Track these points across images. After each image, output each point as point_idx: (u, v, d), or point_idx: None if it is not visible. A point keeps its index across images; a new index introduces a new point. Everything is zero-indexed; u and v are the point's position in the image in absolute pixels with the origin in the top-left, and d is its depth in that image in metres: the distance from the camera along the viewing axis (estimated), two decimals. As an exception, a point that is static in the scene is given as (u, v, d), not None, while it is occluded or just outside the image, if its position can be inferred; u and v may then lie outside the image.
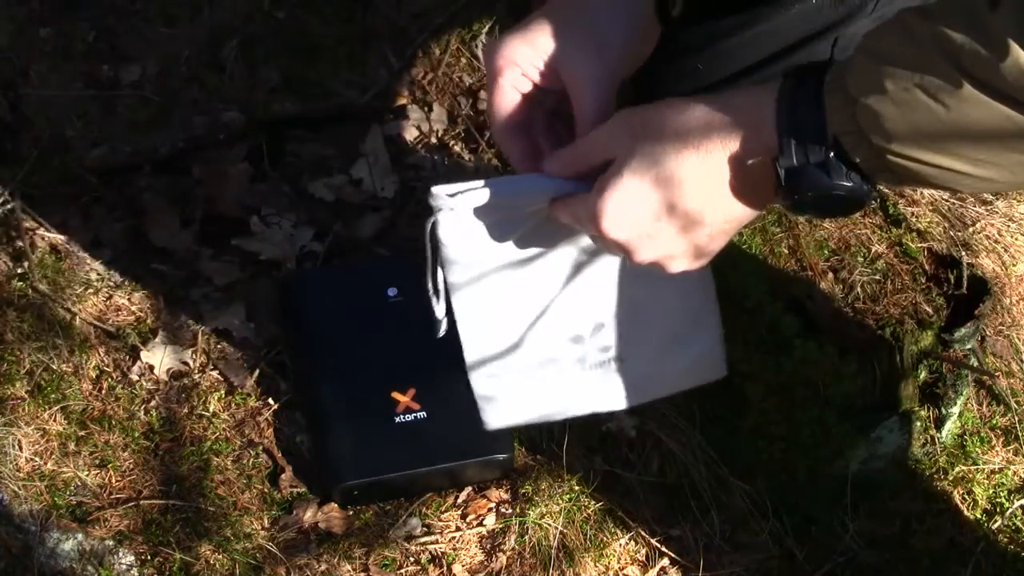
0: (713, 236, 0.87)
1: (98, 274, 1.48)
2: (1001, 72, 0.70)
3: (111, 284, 1.47)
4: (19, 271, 1.45)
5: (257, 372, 1.44)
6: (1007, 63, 0.70)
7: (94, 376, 1.41)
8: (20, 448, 1.35)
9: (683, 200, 0.84)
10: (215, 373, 1.43)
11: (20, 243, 1.47)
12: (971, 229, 1.56)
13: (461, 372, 1.02)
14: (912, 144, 0.76)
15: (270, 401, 1.42)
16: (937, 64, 0.73)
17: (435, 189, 0.92)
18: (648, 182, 0.84)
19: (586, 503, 1.40)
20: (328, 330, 1.42)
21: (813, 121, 0.79)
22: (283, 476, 1.39)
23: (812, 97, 0.79)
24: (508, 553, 1.37)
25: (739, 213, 0.86)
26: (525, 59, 0.92)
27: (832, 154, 0.79)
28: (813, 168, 0.79)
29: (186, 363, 1.43)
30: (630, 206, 0.84)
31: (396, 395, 1.37)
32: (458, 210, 0.92)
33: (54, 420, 1.38)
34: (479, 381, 1.02)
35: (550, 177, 0.92)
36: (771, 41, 1.24)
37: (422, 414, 1.36)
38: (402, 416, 1.36)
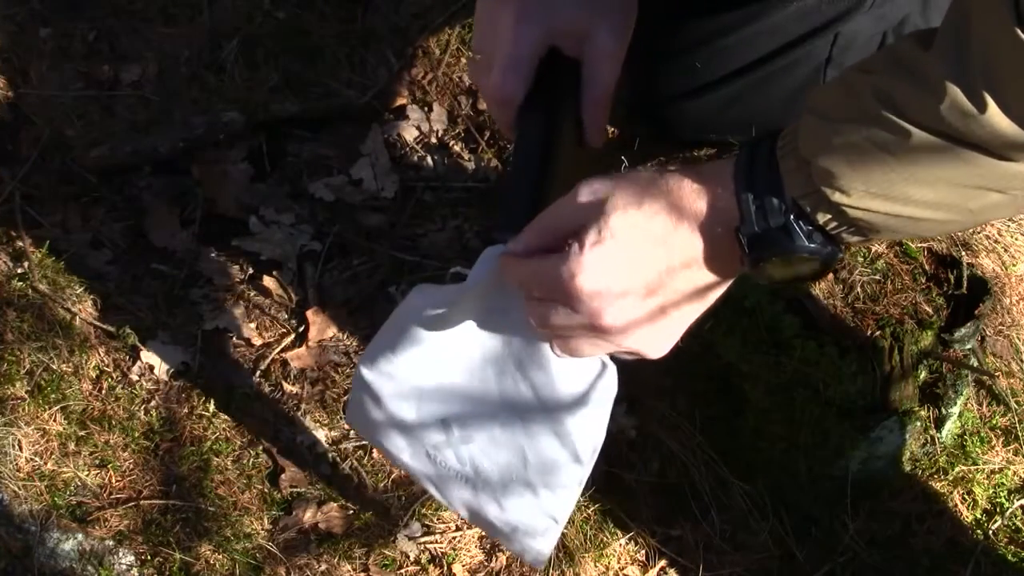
0: (681, 308, 0.87)
1: (98, 274, 1.48)
2: (941, 114, 0.70)
3: (111, 284, 1.47)
4: (19, 271, 1.45)
5: (257, 372, 1.44)
6: (945, 104, 0.70)
7: (94, 376, 1.41)
8: (20, 448, 1.35)
9: (655, 263, 0.84)
10: (215, 373, 1.43)
11: (20, 243, 1.47)
12: (971, 229, 1.56)
13: None
14: (868, 196, 0.76)
15: (270, 401, 1.43)
16: (881, 116, 0.74)
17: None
18: (623, 242, 0.83)
19: (586, 503, 1.40)
20: None
21: (770, 186, 0.80)
22: (283, 476, 1.39)
23: (766, 163, 0.80)
24: (508, 553, 1.37)
25: (708, 281, 0.86)
26: (548, 24, 0.96)
27: (792, 216, 0.79)
28: (775, 232, 0.80)
29: (186, 363, 1.43)
30: (607, 262, 0.83)
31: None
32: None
33: (54, 420, 1.38)
34: (365, 370, 1.01)
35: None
36: (770, 39, 1.24)
37: None
38: None
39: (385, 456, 1.08)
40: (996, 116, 0.69)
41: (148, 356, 1.43)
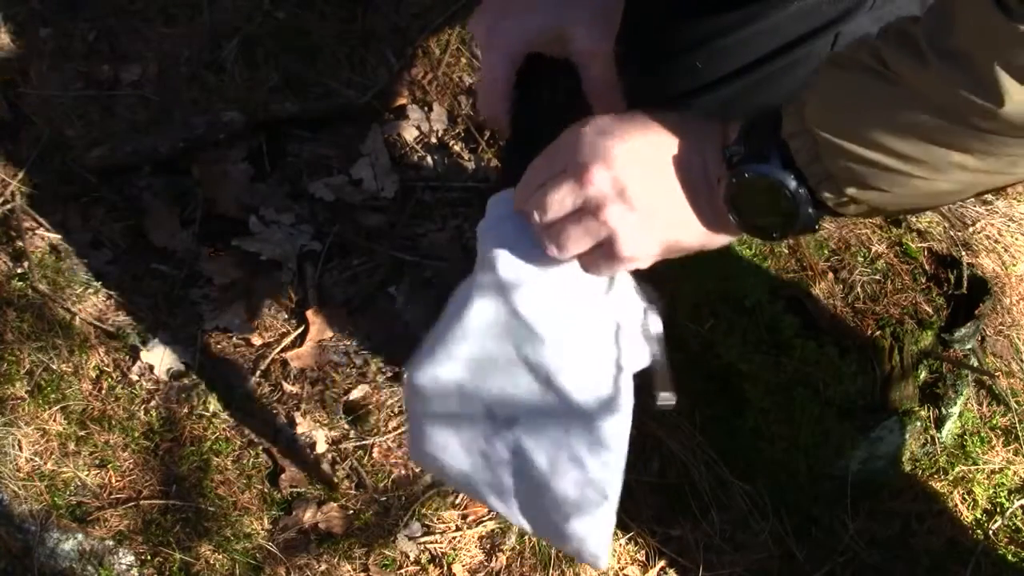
0: (671, 226, 0.89)
1: (98, 274, 1.48)
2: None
3: (111, 284, 1.47)
4: (19, 271, 1.45)
5: (257, 372, 1.44)
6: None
7: (94, 376, 1.41)
8: (20, 448, 1.35)
9: (645, 183, 0.86)
10: (215, 373, 1.43)
11: (20, 243, 1.47)
12: (971, 229, 1.56)
13: None
14: (839, 132, 0.79)
15: (270, 401, 1.43)
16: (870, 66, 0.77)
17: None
18: (625, 155, 0.86)
19: (586, 503, 1.40)
20: None
21: (769, 123, 0.83)
22: (283, 476, 1.39)
23: (772, 111, 0.84)
24: (508, 553, 1.37)
25: (686, 218, 0.88)
26: (530, 30, 0.96)
27: (778, 152, 0.83)
28: (758, 160, 0.83)
29: (186, 363, 1.43)
30: (621, 158, 0.86)
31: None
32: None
33: (54, 420, 1.38)
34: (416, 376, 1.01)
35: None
36: (771, 38, 1.24)
37: None
38: None
39: (448, 482, 1.07)
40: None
41: (148, 356, 1.42)
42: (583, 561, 1.05)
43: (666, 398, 0.94)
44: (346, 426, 1.42)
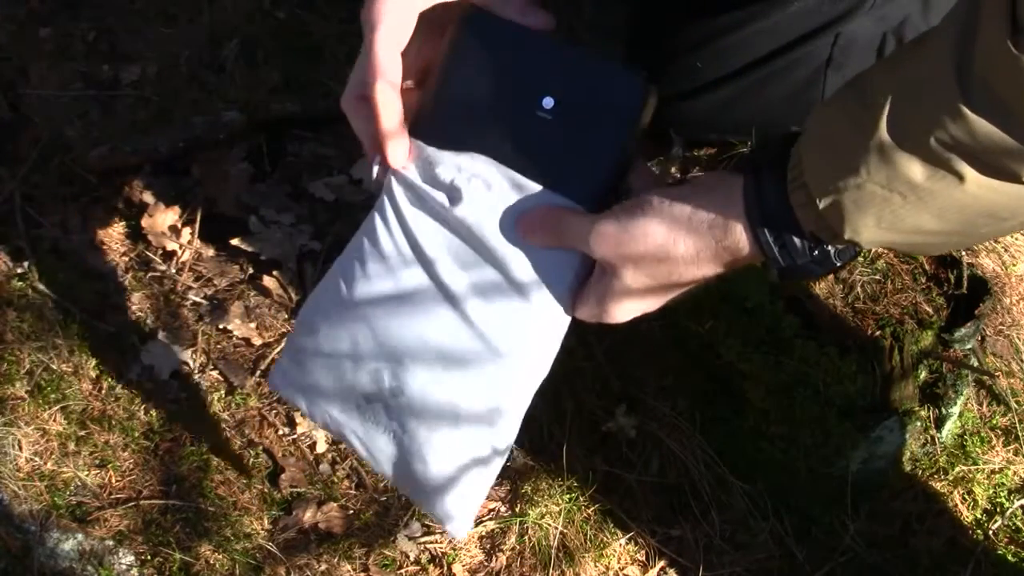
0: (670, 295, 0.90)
1: (98, 274, 1.48)
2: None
3: (111, 284, 1.47)
4: (19, 271, 1.45)
5: (257, 372, 1.44)
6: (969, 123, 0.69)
7: (94, 376, 1.41)
8: (20, 448, 1.35)
9: (670, 274, 0.86)
10: (215, 373, 1.43)
11: (20, 243, 1.47)
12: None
13: None
14: (879, 231, 0.77)
15: (270, 401, 1.43)
16: (888, 158, 0.74)
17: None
18: (645, 250, 0.85)
19: (586, 503, 1.40)
20: None
21: (787, 225, 0.81)
22: (283, 476, 1.39)
23: (777, 198, 0.81)
24: (508, 553, 1.37)
25: (714, 274, 0.87)
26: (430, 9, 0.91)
27: (815, 251, 0.81)
28: (801, 267, 0.82)
29: (186, 363, 1.43)
30: (636, 240, 0.85)
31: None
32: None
33: (54, 420, 1.38)
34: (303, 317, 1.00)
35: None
36: (771, 38, 1.24)
37: None
38: None
39: (307, 415, 1.05)
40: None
41: (148, 356, 1.42)
42: (446, 530, 1.02)
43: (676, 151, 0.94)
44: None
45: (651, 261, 0.85)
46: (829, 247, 0.81)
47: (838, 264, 0.82)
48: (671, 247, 0.84)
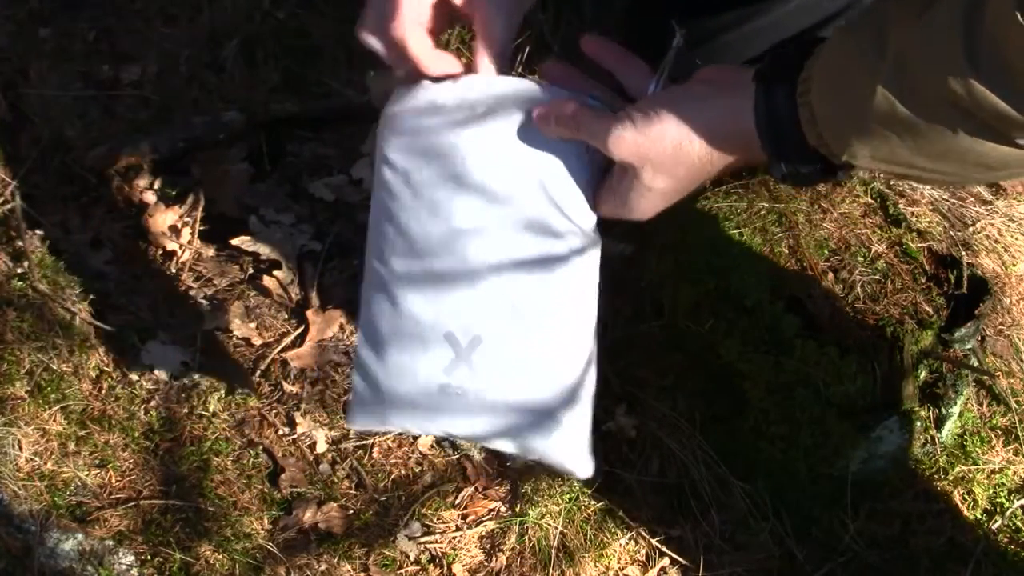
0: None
1: (98, 274, 1.48)
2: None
3: (111, 284, 1.47)
4: (19, 271, 1.45)
5: (257, 372, 1.44)
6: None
7: (94, 376, 1.41)
8: (20, 448, 1.35)
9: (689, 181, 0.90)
10: (215, 373, 1.43)
11: (20, 243, 1.47)
12: (971, 229, 1.56)
13: None
14: (874, 161, 0.81)
15: (270, 401, 1.43)
16: (889, 108, 0.76)
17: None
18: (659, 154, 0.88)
19: (586, 503, 1.40)
20: None
21: (796, 147, 0.85)
22: (283, 476, 1.39)
23: (786, 112, 0.85)
24: (508, 553, 1.37)
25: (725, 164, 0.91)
26: None
27: (819, 165, 0.85)
28: (804, 174, 0.87)
29: (186, 363, 1.43)
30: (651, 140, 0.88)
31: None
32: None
33: (54, 420, 1.38)
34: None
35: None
36: (772, 35, 1.24)
37: None
38: None
39: (406, 432, 1.03)
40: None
41: (148, 356, 1.42)
42: (570, 474, 1.00)
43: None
44: (346, 426, 1.42)
45: (669, 162, 0.89)
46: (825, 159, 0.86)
47: (839, 176, 0.86)
48: (687, 147, 0.88)
